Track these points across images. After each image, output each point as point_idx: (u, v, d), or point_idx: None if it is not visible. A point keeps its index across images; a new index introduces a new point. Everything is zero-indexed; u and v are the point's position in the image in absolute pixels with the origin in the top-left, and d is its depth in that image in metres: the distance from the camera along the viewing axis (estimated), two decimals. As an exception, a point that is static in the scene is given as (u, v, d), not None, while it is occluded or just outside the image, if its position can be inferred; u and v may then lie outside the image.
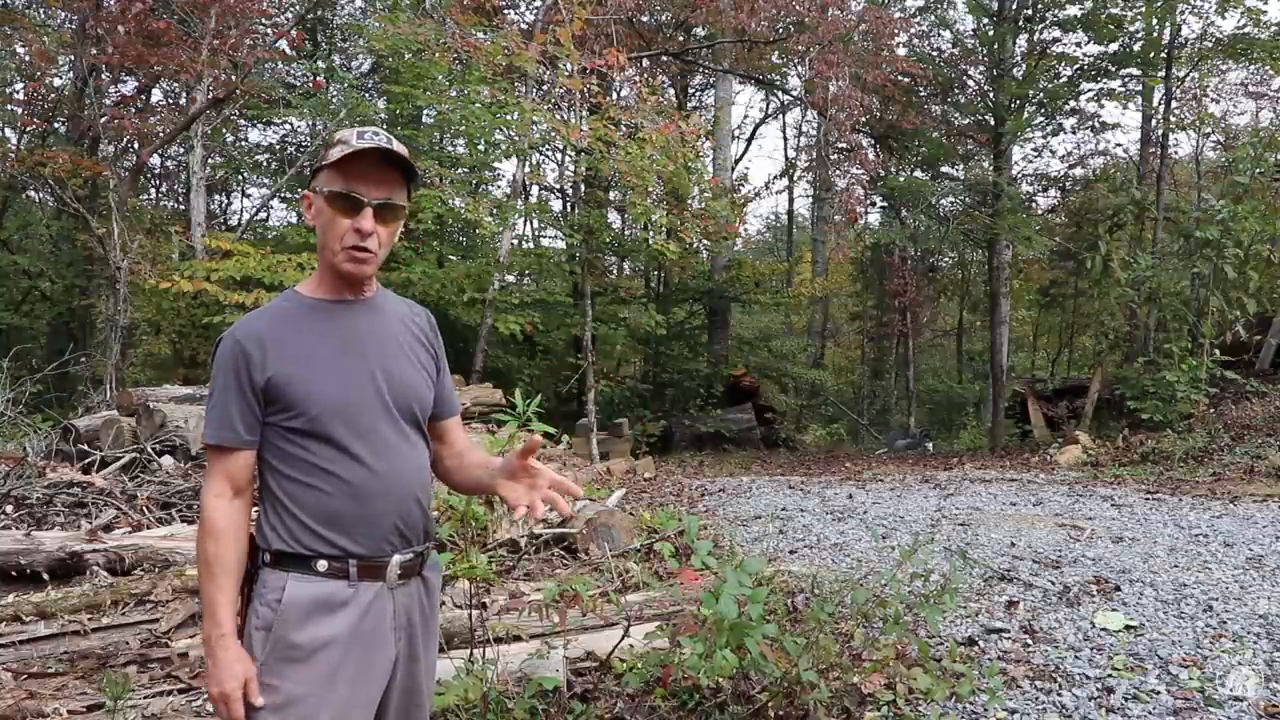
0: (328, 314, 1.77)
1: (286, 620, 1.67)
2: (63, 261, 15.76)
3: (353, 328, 1.78)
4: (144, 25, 11.74)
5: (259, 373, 1.69)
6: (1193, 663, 3.56)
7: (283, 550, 1.70)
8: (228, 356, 1.71)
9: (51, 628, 3.73)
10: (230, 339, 1.72)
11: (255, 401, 1.70)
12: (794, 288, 22.20)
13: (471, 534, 4.72)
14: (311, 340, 1.73)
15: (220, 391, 1.71)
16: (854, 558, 5.58)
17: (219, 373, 1.72)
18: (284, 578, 1.69)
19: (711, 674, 2.80)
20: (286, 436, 1.71)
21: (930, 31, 17.79)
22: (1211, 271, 11.83)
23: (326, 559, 1.70)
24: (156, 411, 6.31)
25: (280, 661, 1.66)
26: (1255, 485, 8.32)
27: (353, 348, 1.76)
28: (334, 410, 1.70)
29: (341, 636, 1.69)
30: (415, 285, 11.94)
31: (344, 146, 1.72)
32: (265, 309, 1.79)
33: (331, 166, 1.72)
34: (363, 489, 1.71)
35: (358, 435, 1.72)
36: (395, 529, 1.75)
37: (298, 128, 18.86)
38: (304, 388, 1.69)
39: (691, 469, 12.57)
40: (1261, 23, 13.64)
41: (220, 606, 1.66)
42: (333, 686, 1.67)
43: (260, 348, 1.69)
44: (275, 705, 1.65)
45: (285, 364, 1.70)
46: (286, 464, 1.71)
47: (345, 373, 1.74)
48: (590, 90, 11.30)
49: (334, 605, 1.69)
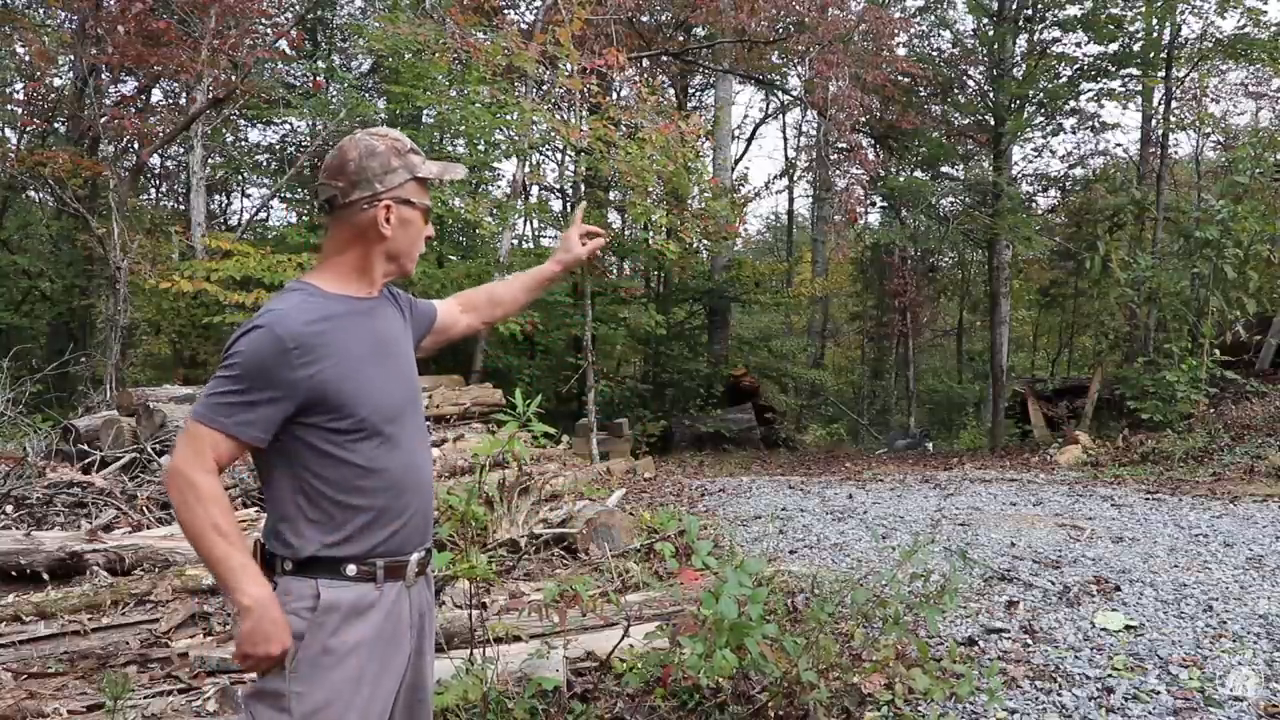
0: (360, 314, 1.78)
1: (323, 626, 1.65)
2: (63, 261, 15.75)
3: (379, 328, 1.81)
4: (144, 25, 11.74)
5: (303, 374, 1.63)
6: (1193, 663, 3.56)
7: (314, 556, 1.67)
8: (267, 352, 1.61)
9: (51, 628, 3.73)
10: (270, 334, 1.62)
11: (291, 403, 1.64)
12: (794, 288, 22.19)
13: (471, 534, 4.72)
14: (351, 340, 1.72)
15: (251, 386, 1.61)
16: (854, 558, 5.58)
17: (250, 366, 1.61)
18: (313, 584, 1.67)
19: (711, 674, 2.80)
20: (331, 440, 1.67)
21: (930, 31, 17.81)
22: (1211, 271, 11.83)
23: (355, 562, 1.69)
24: (156, 411, 6.31)
25: (311, 668, 1.65)
26: (1255, 485, 8.32)
27: (385, 349, 1.79)
28: (382, 410, 1.72)
29: (368, 639, 1.69)
30: (415, 285, 11.94)
31: (423, 160, 1.82)
32: (294, 303, 1.70)
33: (420, 181, 1.81)
34: (402, 486, 1.75)
35: (399, 433, 1.76)
36: (421, 524, 1.80)
37: (298, 128, 18.86)
38: (354, 389, 1.68)
39: (691, 469, 12.57)
40: (1261, 23, 13.64)
41: (251, 566, 1.63)
42: (358, 689, 1.68)
43: (306, 348, 1.63)
44: (305, 713, 1.64)
45: (334, 365, 1.66)
46: (326, 467, 1.68)
47: (385, 373, 1.77)
48: (590, 90, 11.30)
49: (363, 609, 1.69)
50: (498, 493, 5.40)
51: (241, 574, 1.61)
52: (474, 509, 4.08)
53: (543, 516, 5.79)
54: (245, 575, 1.61)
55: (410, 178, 1.78)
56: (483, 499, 5.18)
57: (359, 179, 1.75)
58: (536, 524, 5.61)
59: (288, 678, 1.64)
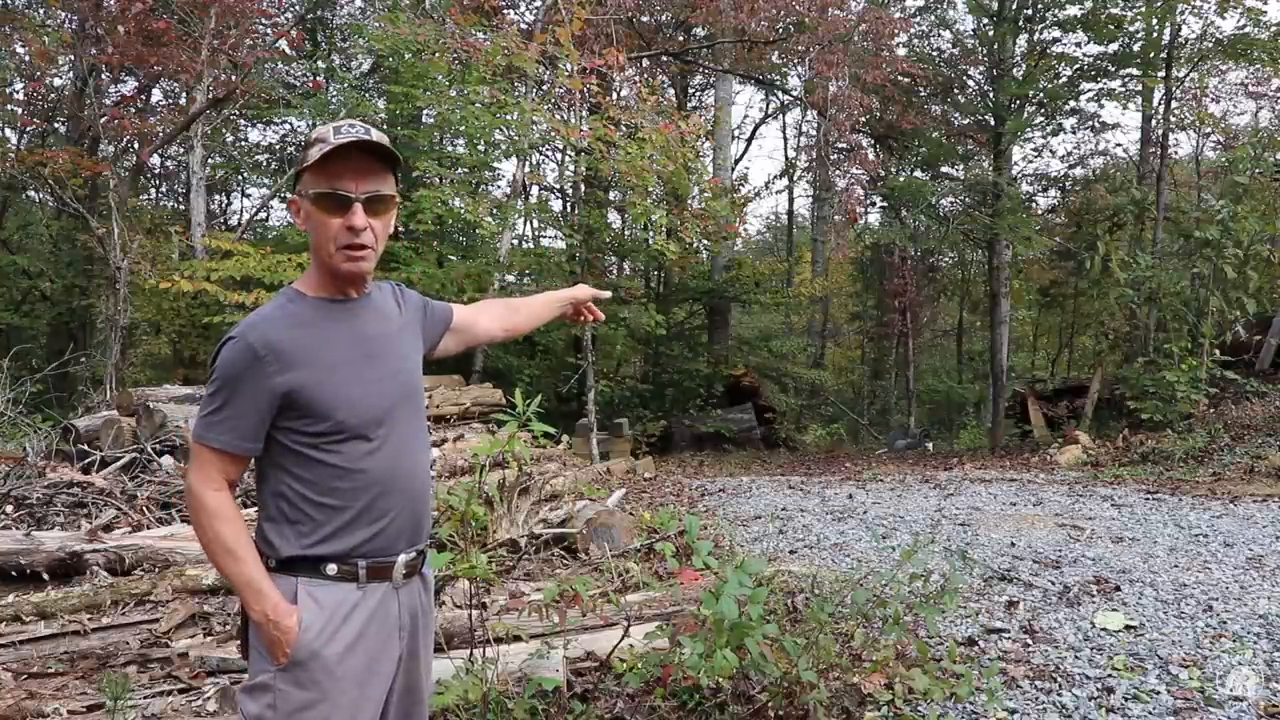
0: (337, 315, 1.75)
1: (306, 629, 1.66)
2: (63, 261, 15.75)
3: (362, 329, 1.78)
4: (144, 25, 11.73)
5: (277, 380, 1.63)
6: (1193, 663, 3.56)
7: (294, 555, 1.68)
8: (239, 362, 1.63)
9: (51, 628, 3.73)
10: (242, 343, 1.64)
11: (268, 409, 1.65)
12: (794, 288, 22.18)
13: (471, 534, 4.72)
14: (329, 344, 1.71)
15: (229, 398, 1.64)
16: (854, 558, 5.58)
17: (227, 378, 1.64)
18: (292, 583, 1.68)
19: (711, 674, 2.79)
20: (307, 442, 1.68)
21: (930, 31, 17.81)
22: (1211, 271, 11.83)
23: (336, 562, 1.69)
24: (156, 411, 6.31)
25: (294, 667, 1.66)
26: (1255, 485, 8.32)
27: (368, 349, 1.76)
28: (361, 413, 1.70)
29: (352, 640, 1.69)
30: (415, 285, 11.90)
31: (322, 145, 1.68)
32: (271, 311, 1.72)
33: (313, 167, 1.68)
34: (385, 487, 1.73)
35: (382, 436, 1.74)
36: (407, 526, 1.78)
37: (298, 128, 18.85)
38: (331, 393, 1.67)
39: (691, 469, 12.57)
40: (1261, 23, 13.64)
41: (264, 580, 1.66)
42: (344, 690, 1.68)
43: (277, 355, 1.64)
44: (289, 711, 1.65)
45: (308, 370, 1.66)
46: (303, 468, 1.69)
47: (367, 376, 1.74)
48: (590, 90, 11.30)
49: (345, 610, 1.69)
50: (498, 493, 5.40)
51: (247, 590, 1.65)
52: (474, 509, 4.08)
53: (543, 516, 5.79)
54: (250, 591, 1.65)
55: (304, 169, 1.71)
56: (483, 499, 5.17)
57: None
58: (536, 524, 5.61)
59: (275, 676, 1.65)
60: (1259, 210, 12.20)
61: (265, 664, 1.67)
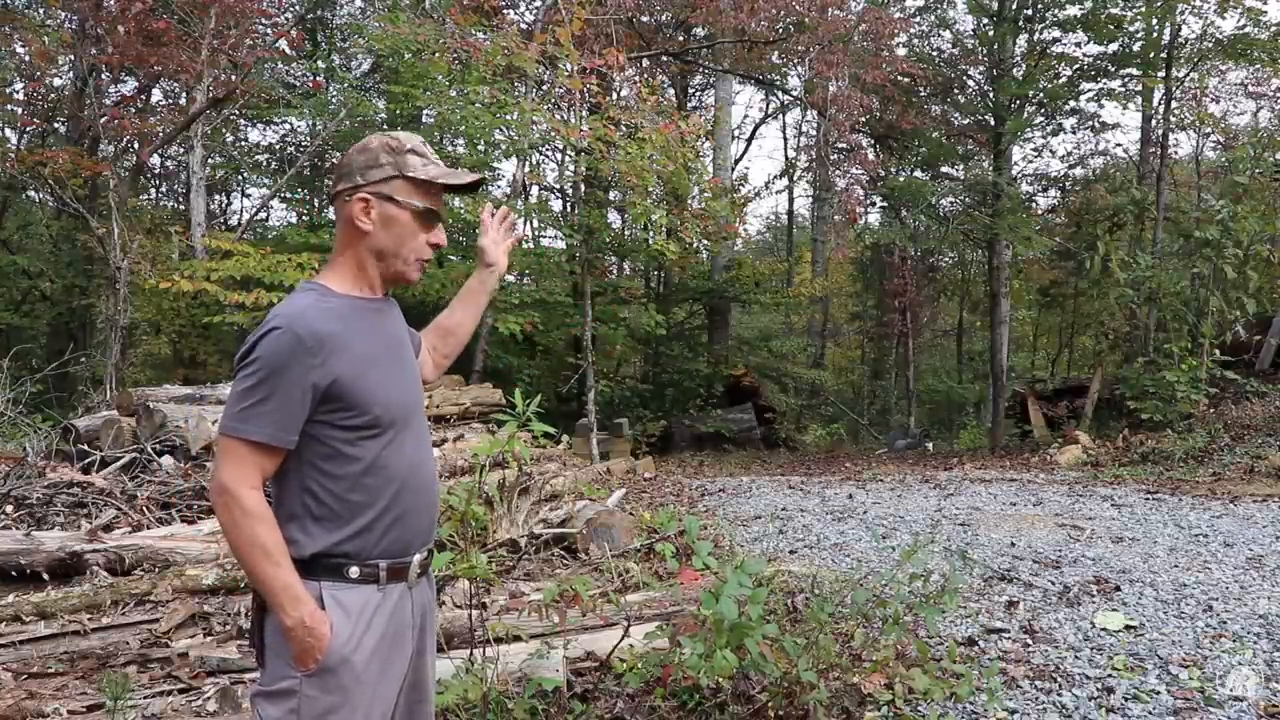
0: (369, 314, 1.78)
1: (335, 635, 1.66)
2: (63, 261, 15.75)
3: (389, 329, 1.83)
4: (144, 25, 11.73)
5: (322, 371, 1.62)
6: (1193, 663, 3.56)
7: (317, 552, 1.67)
8: (286, 351, 1.60)
9: (51, 628, 3.73)
10: (289, 334, 1.61)
11: (311, 400, 1.63)
12: (794, 288, 22.17)
13: (471, 534, 4.72)
14: (364, 340, 1.73)
15: (274, 388, 1.60)
16: (854, 558, 5.58)
17: (274, 367, 1.60)
18: (316, 587, 1.67)
19: (711, 674, 2.80)
20: (342, 437, 1.67)
21: (930, 31, 17.81)
22: (1211, 271, 11.83)
23: (359, 564, 1.69)
24: (156, 411, 6.30)
25: (321, 671, 1.65)
26: (1255, 485, 8.33)
27: (394, 348, 1.82)
28: (393, 409, 1.73)
29: (372, 641, 1.70)
30: (415, 285, 11.91)
31: (424, 162, 1.77)
32: (308, 303, 1.70)
33: (416, 181, 1.76)
34: (406, 485, 1.75)
35: (410, 433, 1.78)
36: (424, 524, 1.81)
37: (298, 128, 18.87)
38: (368, 386, 1.68)
39: (691, 469, 12.57)
40: (1261, 23, 13.65)
41: (294, 587, 1.62)
42: (363, 691, 1.68)
43: (322, 345, 1.63)
44: (314, 715, 1.64)
45: (350, 363, 1.66)
46: (334, 463, 1.67)
47: (398, 373, 1.79)
48: (590, 90, 11.30)
49: (369, 613, 1.70)
50: (498, 493, 5.40)
51: (284, 595, 1.61)
52: (474, 509, 4.08)
53: (543, 516, 5.79)
54: (287, 597, 1.62)
55: (397, 175, 1.75)
56: (483, 499, 5.17)
57: (345, 172, 1.78)
58: (536, 524, 5.61)
59: (301, 681, 1.64)
60: (1259, 210, 12.20)
61: (287, 669, 1.64)
